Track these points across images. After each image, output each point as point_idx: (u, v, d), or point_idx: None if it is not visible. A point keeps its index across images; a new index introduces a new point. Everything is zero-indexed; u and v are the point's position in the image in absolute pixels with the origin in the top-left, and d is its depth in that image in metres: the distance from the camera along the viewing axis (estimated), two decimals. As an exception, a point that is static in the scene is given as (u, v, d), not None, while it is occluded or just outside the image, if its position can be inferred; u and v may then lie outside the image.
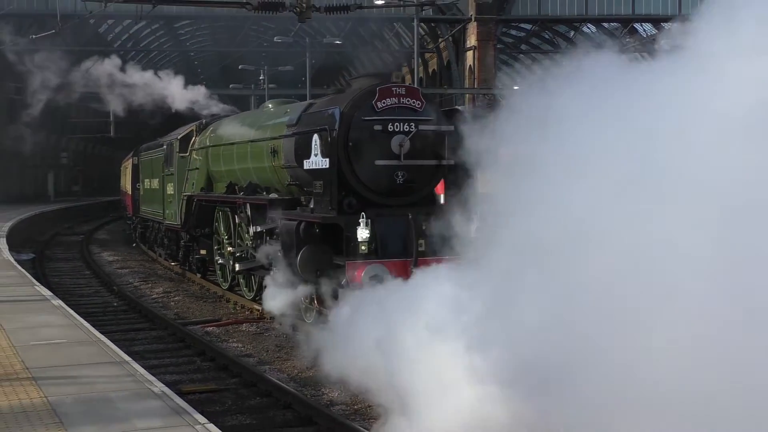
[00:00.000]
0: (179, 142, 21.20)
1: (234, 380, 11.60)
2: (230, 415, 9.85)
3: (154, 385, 8.00)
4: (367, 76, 13.65)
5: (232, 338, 14.66)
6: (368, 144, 12.20)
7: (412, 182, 12.47)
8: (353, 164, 12.20)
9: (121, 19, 50.13)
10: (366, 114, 12.20)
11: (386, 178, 12.32)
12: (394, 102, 12.30)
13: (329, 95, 15.26)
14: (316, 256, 12.12)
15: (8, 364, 8.82)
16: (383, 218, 12.04)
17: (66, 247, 32.83)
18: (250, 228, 15.66)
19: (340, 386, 10.20)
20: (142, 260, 27.76)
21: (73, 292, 19.88)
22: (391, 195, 12.46)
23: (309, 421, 9.58)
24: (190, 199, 19.48)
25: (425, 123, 12.51)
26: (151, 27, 57.10)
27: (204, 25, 55.79)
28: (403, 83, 13.88)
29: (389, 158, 12.18)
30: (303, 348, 11.46)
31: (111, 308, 18.13)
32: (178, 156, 21.12)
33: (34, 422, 6.77)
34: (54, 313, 12.27)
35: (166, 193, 22.58)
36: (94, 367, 8.77)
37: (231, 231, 17.30)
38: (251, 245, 15.79)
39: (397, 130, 12.15)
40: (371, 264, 11.31)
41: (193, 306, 18.29)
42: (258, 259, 15.35)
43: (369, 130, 12.16)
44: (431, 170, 12.79)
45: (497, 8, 46.39)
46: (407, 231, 12.01)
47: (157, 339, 14.73)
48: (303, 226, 12.46)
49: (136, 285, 21.94)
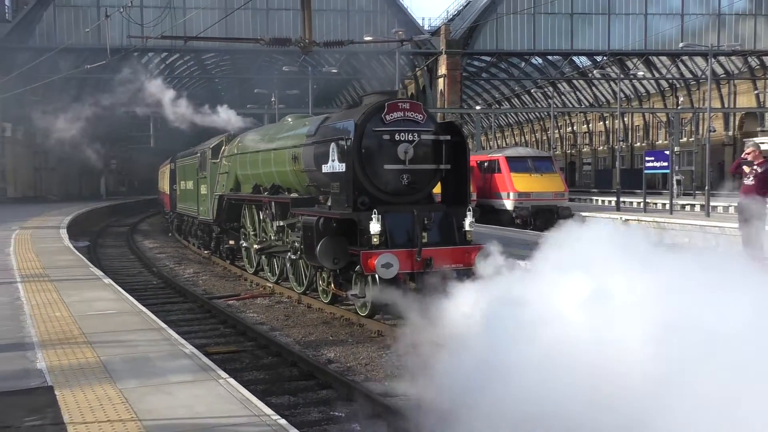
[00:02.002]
0: (211, 150, 21.10)
1: (250, 343, 11.61)
2: (247, 371, 9.87)
3: (186, 347, 8.00)
4: (377, 93, 13.31)
5: (249, 309, 14.67)
6: (378, 151, 12.01)
7: (415, 183, 12.30)
8: (365, 168, 11.98)
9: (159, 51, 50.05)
10: (376, 125, 12.00)
11: (393, 180, 12.12)
12: (400, 115, 12.12)
13: (343, 110, 15.18)
14: (334, 246, 11.85)
15: (68, 330, 8.81)
16: (391, 214, 11.85)
17: (115, 236, 32.75)
18: (273, 222, 15.48)
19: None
20: (177, 247, 27.72)
21: (121, 273, 19.85)
22: (397, 194, 12.20)
23: (311, 376, 9.60)
24: (221, 198, 19.36)
25: (426, 133, 12.31)
26: (183, 59, 56.95)
27: (226, 57, 55.60)
28: (408, 99, 13.78)
29: (396, 163, 11.99)
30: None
31: (151, 285, 18.11)
32: (210, 162, 20.98)
33: (89, 377, 6.77)
34: (105, 289, 12.26)
35: (200, 193, 22.42)
36: (137, 332, 8.77)
37: (256, 225, 17.13)
38: (275, 237, 15.64)
39: (402, 139, 11.99)
40: (383, 253, 11.14)
41: (218, 284, 18.29)
42: (281, 247, 15.31)
43: (379, 139, 11.98)
44: (431, 173, 12.57)
45: (463, 44, 46.52)
46: (412, 225, 11.82)
47: (188, 310, 14.73)
48: (322, 221, 12.23)
49: (171, 267, 21.93)
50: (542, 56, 53.56)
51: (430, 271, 11.51)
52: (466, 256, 11.83)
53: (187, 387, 6.44)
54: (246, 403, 6.00)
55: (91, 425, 5.45)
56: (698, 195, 41.01)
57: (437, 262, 11.58)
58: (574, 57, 54.11)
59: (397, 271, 11.11)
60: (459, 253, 11.89)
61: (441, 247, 11.91)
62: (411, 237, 11.84)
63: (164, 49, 47.90)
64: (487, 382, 6.71)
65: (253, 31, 42.00)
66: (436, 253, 11.65)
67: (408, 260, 11.39)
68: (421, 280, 11.64)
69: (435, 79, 47.92)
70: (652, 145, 62.23)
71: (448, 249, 11.91)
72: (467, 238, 12.22)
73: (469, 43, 47.15)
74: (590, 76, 59.48)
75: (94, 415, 5.67)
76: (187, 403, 6.00)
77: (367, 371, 9.96)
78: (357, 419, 7.94)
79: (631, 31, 48.22)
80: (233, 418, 5.64)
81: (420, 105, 12.72)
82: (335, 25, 43.69)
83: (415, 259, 11.44)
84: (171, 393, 6.26)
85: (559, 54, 51.63)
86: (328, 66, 47.96)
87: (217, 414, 5.72)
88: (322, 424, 7.78)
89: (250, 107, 45.54)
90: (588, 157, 74.99)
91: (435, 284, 11.44)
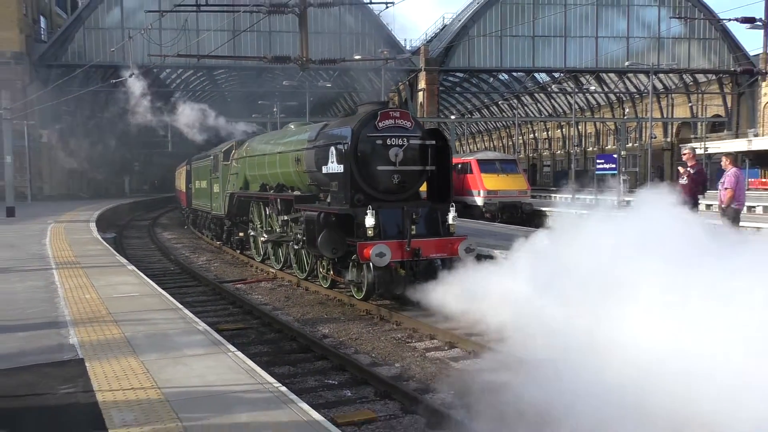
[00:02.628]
0: (223, 153, 21.00)
1: (255, 321, 11.61)
2: (253, 345, 9.86)
3: (199, 325, 7.99)
4: (370, 103, 13.17)
5: (254, 292, 14.66)
6: (372, 154, 11.95)
7: (404, 183, 12.22)
8: (361, 169, 11.92)
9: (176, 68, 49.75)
10: (370, 131, 11.93)
11: (385, 179, 12.05)
12: (391, 122, 12.06)
13: (339, 118, 15.08)
14: (333, 238, 11.81)
15: (97, 310, 8.78)
16: (384, 209, 11.81)
17: (137, 229, 32.59)
18: (279, 217, 15.44)
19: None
20: (191, 238, 27.63)
21: (143, 260, 19.77)
22: (389, 192, 12.13)
23: (308, 350, 9.60)
24: (232, 195, 19.29)
25: (414, 138, 12.23)
26: (197, 74, 56.68)
27: (234, 72, 55.35)
28: (398, 108, 13.66)
29: (388, 165, 11.94)
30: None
31: (169, 271, 18.07)
32: (222, 164, 20.91)
33: (115, 351, 6.76)
34: (129, 274, 12.22)
35: (213, 191, 22.35)
36: (157, 312, 8.76)
37: (263, 219, 17.05)
38: (279, 230, 15.56)
39: (393, 144, 11.93)
40: (377, 244, 11.12)
41: (227, 270, 18.25)
42: (285, 238, 15.26)
43: (372, 144, 11.92)
44: (418, 173, 12.49)
45: (439, 62, 46.49)
46: (402, 219, 11.81)
47: (202, 293, 14.70)
48: (322, 215, 12.20)
49: (187, 255, 21.85)
50: (508, 73, 53.72)
51: (418, 259, 11.58)
52: (450, 246, 11.85)
53: (200, 359, 6.44)
54: (251, 372, 6.01)
55: (117, 392, 5.44)
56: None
57: (425, 251, 11.60)
58: (535, 74, 54.26)
59: (390, 259, 11.12)
60: (444, 244, 11.88)
61: (428, 238, 11.89)
62: (401, 230, 11.82)
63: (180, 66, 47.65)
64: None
65: (258, 50, 41.85)
66: (423, 243, 11.65)
67: (399, 250, 11.39)
68: (410, 267, 11.72)
69: (416, 93, 47.89)
70: (602, 149, 62.45)
71: (434, 240, 11.90)
72: (450, 231, 12.22)
73: (445, 61, 47.12)
74: (549, 90, 59.72)
75: (120, 384, 5.67)
76: (201, 373, 6.00)
77: (357, 345, 9.98)
78: (348, 386, 7.99)
79: (584, 51, 48.35)
80: (241, 385, 5.64)
81: (408, 113, 12.67)
82: (329, 45, 43.53)
83: (405, 249, 11.44)
84: (186, 364, 6.26)
85: (523, 71, 51.71)
86: (323, 81, 47.84)
87: (227, 382, 5.72)
88: (318, 390, 7.80)
89: (255, 116, 45.50)
90: (547, 159, 75.23)
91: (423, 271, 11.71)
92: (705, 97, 53.10)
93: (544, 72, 53.32)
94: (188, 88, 60.96)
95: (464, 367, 8.76)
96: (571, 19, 47.61)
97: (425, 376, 8.37)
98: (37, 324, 7.98)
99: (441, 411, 6.78)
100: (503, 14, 46.98)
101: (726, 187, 11.57)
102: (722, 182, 11.77)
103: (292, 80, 43.98)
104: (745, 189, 14.75)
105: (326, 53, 41.23)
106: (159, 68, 43.93)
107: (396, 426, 6.66)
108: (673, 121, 55.59)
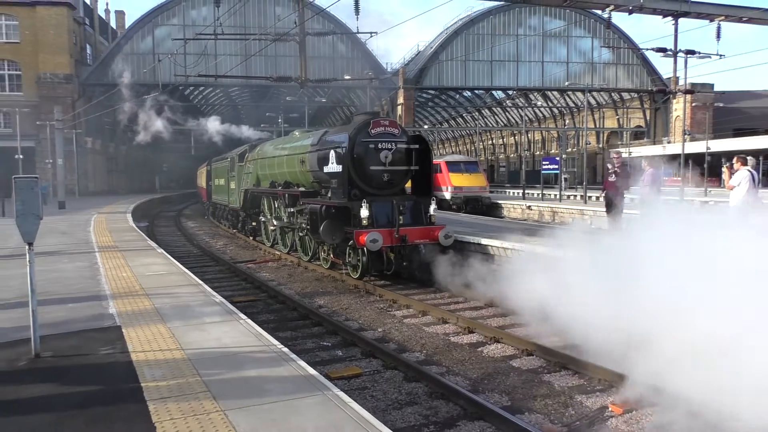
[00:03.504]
0: (238, 156, 20.83)
1: (263, 294, 11.56)
2: (261, 314, 9.83)
3: (216, 297, 7.92)
4: (365, 113, 13.09)
5: (263, 270, 14.59)
6: (366, 156, 11.85)
7: (393, 180, 12.13)
8: (356, 169, 11.84)
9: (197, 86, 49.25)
10: (364, 137, 11.84)
11: (377, 177, 11.95)
12: (382, 130, 11.97)
13: (338, 126, 14.90)
14: (333, 227, 11.76)
15: (132, 286, 8.69)
16: (376, 203, 11.71)
17: (166, 219, 32.33)
18: (286, 209, 15.32)
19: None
20: (211, 227, 27.44)
21: (170, 245, 19.61)
22: (380, 188, 12.01)
23: (306, 317, 9.59)
24: (246, 191, 19.16)
25: (401, 143, 12.14)
26: (215, 91, 56.11)
27: (246, 90, 54.88)
28: (388, 117, 13.48)
29: (379, 165, 11.86)
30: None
31: (192, 254, 17.94)
32: (237, 165, 20.72)
33: (147, 319, 6.70)
34: (158, 256, 12.11)
35: (230, 188, 22.14)
36: (181, 287, 8.67)
37: (272, 210, 16.95)
38: (286, 220, 15.45)
39: (384, 147, 11.86)
40: (371, 232, 11.05)
41: (240, 252, 18.15)
42: (291, 226, 15.17)
43: (366, 147, 11.83)
44: (404, 172, 12.37)
45: (415, 81, 46.34)
46: (392, 210, 11.74)
47: (219, 271, 14.62)
48: (324, 208, 12.11)
49: (207, 240, 21.71)
50: (471, 90, 53.56)
51: (405, 244, 11.54)
52: (431, 233, 11.79)
53: (217, 326, 6.39)
54: (259, 336, 5.97)
55: (149, 353, 5.39)
56: (578, 188, 41.46)
57: (411, 238, 11.54)
58: (492, 91, 54.14)
59: (381, 245, 11.08)
60: (426, 231, 11.81)
61: (413, 227, 11.81)
62: (390, 219, 11.74)
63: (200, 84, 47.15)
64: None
65: (265, 71, 41.46)
66: (409, 231, 11.59)
67: (389, 237, 11.33)
68: (398, 251, 11.70)
69: (395, 107, 47.67)
70: (547, 153, 62.64)
71: (418, 228, 11.82)
72: (432, 220, 12.14)
73: (420, 80, 46.95)
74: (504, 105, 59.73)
75: (150, 346, 5.62)
76: (217, 336, 5.96)
77: (347, 313, 9.98)
78: (339, 347, 7.98)
79: (533, 73, 48.44)
80: (250, 347, 5.61)
81: (396, 122, 12.59)
82: (324, 67, 43.28)
83: (394, 236, 11.37)
84: (205, 330, 6.21)
85: (483, 89, 51.55)
86: (319, 96, 47.56)
87: (239, 344, 5.69)
88: (315, 351, 7.79)
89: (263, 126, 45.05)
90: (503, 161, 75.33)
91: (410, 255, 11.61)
92: (629, 111, 53.45)
93: (500, 90, 53.33)
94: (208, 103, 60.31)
95: (434, 330, 8.79)
96: (522, 47, 47.73)
97: (403, 339, 8.39)
98: (82, 297, 7.89)
99: (415, 366, 6.80)
100: (467, 43, 46.95)
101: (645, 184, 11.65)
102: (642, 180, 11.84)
103: (293, 96, 43.74)
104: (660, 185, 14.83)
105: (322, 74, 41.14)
106: (183, 86, 43.41)
107: (378, 379, 6.66)
108: (603, 131, 55.97)
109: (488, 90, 52.19)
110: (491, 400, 6.00)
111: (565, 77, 47.62)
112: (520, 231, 13.82)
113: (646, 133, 51.19)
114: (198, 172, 35.53)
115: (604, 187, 12.52)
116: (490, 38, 46.99)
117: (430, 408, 5.82)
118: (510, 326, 8.89)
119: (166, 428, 3.78)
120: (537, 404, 5.92)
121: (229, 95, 59.88)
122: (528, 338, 7.85)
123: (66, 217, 22.12)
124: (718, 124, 47.17)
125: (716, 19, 16.15)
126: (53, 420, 3.97)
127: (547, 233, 11.70)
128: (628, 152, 42.98)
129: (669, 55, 22.62)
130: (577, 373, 6.72)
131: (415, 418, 5.61)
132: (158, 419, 3.92)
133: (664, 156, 43.61)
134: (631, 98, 52.24)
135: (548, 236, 10.92)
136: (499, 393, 6.24)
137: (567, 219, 25.33)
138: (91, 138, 44.33)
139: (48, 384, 4.67)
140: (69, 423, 3.91)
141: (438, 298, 10.95)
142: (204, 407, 4.13)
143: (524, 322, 8.49)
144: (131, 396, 4.36)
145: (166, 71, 34.13)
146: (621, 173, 12.08)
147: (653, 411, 5.56)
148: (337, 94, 51.31)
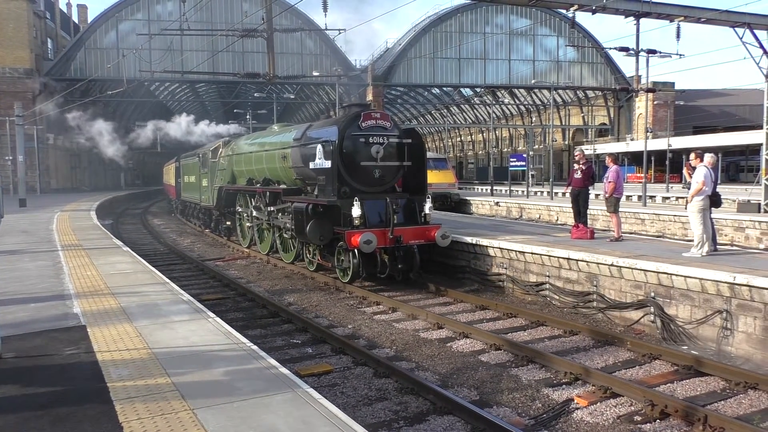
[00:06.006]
0: (211, 152, 19.96)
1: (232, 292, 11.46)
2: (230, 312, 9.75)
3: (184, 296, 7.82)
4: (355, 105, 12.25)
5: (231, 268, 14.44)
6: (356, 151, 11.19)
7: (384, 177, 11.46)
8: (346, 165, 11.15)
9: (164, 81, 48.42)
10: (354, 131, 11.19)
11: (368, 174, 11.29)
12: (373, 123, 11.34)
13: (322, 120, 13.96)
14: (320, 227, 11.08)
15: (97, 285, 8.52)
16: (368, 201, 11.06)
17: (131, 216, 31.77)
18: (265, 207, 14.41)
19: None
20: (178, 224, 27.05)
21: (136, 242, 19.28)
22: (370, 185, 11.32)
23: (276, 315, 9.54)
24: (220, 189, 18.22)
25: (393, 137, 11.52)
26: (181, 87, 55.18)
27: (213, 86, 54.13)
28: (379, 110, 12.43)
29: (370, 161, 11.23)
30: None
31: (159, 251, 17.66)
32: (210, 161, 19.85)
33: (113, 318, 6.58)
34: (124, 255, 11.88)
35: (202, 185, 21.23)
36: (148, 286, 8.54)
37: (249, 209, 16.05)
38: (266, 219, 14.58)
39: (375, 142, 11.25)
40: (365, 232, 10.37)
41: (209, 250, 17.93)
42: (269, 223, 14.45)
43: (356, 142, 11.18)
44: (396, 169, 11.71)
45: (384, 78, 46.32)
46: (385, 209, 11.07)
47: (186, 269, 14.42)
48: (311, 206, 11.34)
49: (174, 238, 21.40)
50: (439, 88, 53.87)
51: (400, 245, 10.94)
52: (427, 233, 11.23)
53: (185, 324, 6.32)
54: (228, 335, 5.92)
55: (114, 353, 5.30)
56: (545, 184, 42.05)
57: (405, 238, 10.94)
58: (461, 89, 54.50)
59: (375, 246, 10.42)
60: (422, 231, 11.24)
61: (407, 226, 11.22)
62: (383, 219, 11.08)
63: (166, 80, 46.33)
64: None
65: (232, 68, 41.03)
66: (404, 231, 10.96)
67: (383, 237, 10.68)
68: (392, 253, 11.05)
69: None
70: (515, 150, 63.38)
71: (413, 228, 11.19)
72: (427, 220, 11.55)
73: (388, 77, 46.94)
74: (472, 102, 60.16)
75: (116, 345, 5.52)
76: (185, 335, 5.89)
77: (317, 310, 9.96)
78: (309, 344, 7.97)
79: (500, 71, 48.88)
80: (219, 345, 5.56)
81: (388, 115, 11.90)
82: (292, 63, 42.98)
83: (388, 236, 10.73)
84: (173, 329, 6.13)
85: (451, 86, 51.85)
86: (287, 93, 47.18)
87: (207, 343, 5.63)
88: (285, 348, 7.76)
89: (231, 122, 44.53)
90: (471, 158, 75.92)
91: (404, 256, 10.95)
92: (593, 108, 54.39)
93: (468, 87, 53.65)
94: (174, 99, 59.35)
95: (404, 327, 8.84)
96: (489, 46, 48.15)
97: (373, 335, 8.41)
98: (46, 297, 7.71)
99: (385, 362, 6.83)
100: (435, 40, 47.14)
101: (609, 181, 11.87)
102: (607, 176, 12.06)
103: (261, 92, 43.35)
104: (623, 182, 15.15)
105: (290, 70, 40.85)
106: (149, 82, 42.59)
107: (348, 376, 6.67)
108: (569, 128, 56.85)
109: (456, 87, 52.51)
110: (460, 394, 6.07)
111: (531, 75, 48.27)
112: (491, 227, 13.95)
113: (610, 130, 52.22)
114: (164, 168, 34.89)
115: (569, 183, 12.68)
116: (459, 36, 47.29)
117: (400, 403, 5.85)
118: (479, 322, 8.99)
119: (134, 428, 3.73)
120: (505, 398, 6.01)
121: (197, 91, 59.03)
122: (496, 333, 7.95)
123: (27, 215, 21.52)
124: (679, 121, 48.44)
125: (676, 20, 16.54)
126: (17, 421, 3.88)
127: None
128: (593, 149, 43.79)
129: (631, 54, 23.10)
130: (543, 366, 6.86)
131: (385, 413, 5.64)
132: (125, 419, 3.86)
133: (627, 153, 44.60)
134: (595, 96, 53.19)
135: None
136: (468, 387, 6.31)
137: (534, 215, 25.70)
138: (53, 134, 43.24)
139: (11, 385, 4.56)
140: (33, 424, 3.83)
141: (407, 294, 11.00)
142: (172, 406, 4.08)
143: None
144: (97, 396, 4.28)
145: (130, 67, 33.44)
146: (585, 170, 12.28)
147: (617, 403, 5.82)
148: (305, 90, 51.05)
